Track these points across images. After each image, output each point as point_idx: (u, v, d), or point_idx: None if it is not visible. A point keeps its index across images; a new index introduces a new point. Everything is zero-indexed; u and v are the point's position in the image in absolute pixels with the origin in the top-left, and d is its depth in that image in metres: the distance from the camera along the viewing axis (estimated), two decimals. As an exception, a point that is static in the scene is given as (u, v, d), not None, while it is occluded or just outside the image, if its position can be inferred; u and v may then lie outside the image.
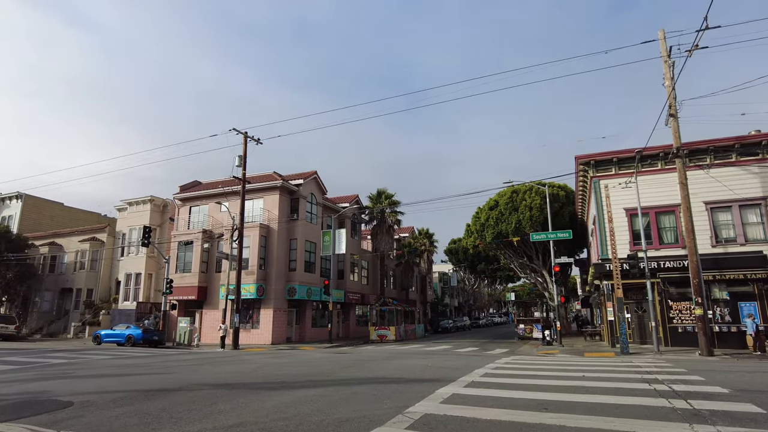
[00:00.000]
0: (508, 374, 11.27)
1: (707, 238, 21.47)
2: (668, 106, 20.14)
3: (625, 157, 23.85)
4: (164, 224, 39.23)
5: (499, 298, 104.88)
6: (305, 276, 32.89)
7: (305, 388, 9.10)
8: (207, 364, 14.78)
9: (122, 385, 9.75)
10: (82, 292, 41.09)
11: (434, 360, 15.96)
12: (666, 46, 20.59)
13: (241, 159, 28.25)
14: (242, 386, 9.53)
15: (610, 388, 8.85)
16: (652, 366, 13.32)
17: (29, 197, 48.88)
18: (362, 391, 8.64)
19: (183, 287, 32.25)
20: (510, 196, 35.35)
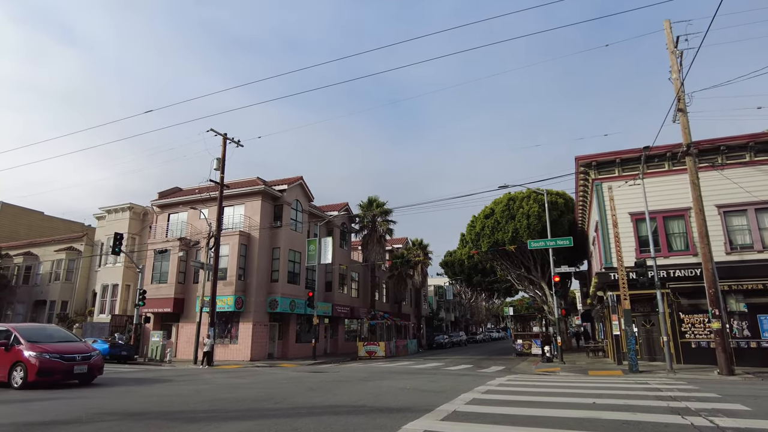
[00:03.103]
0: (500, 401, 9.31)
1: (721, 245, 19.60)
2: (676, 100, 18.46)
3: (629, 158, 22.08)
4: (144, 232, 37.27)
5: (497, 312, 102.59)
6: (288, 287, 30.84)
7: (239, 420, 7.15)
8: (152, 384, 12.78)
9: (13, 415, 7.79)
10: (56, 304, 38.95)
11: (418, 381, 13.95)
12: (672, 37, 18.99)
13: (219, 162, 26.44)
14: (160, 416, 7.57)
15: (632, 423, 6.90)
16: (674, 388, 11.35)
17: (6, 205, 47.09)
18: (304, 427, 6.68)
19: (158, 299, 30.23)
20: (506, 204, 33.59)
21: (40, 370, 11.44)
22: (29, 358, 11.56)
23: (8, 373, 11.79)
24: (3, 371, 11.85)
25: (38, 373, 11.39)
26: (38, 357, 11.58)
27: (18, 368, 11.65)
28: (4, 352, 11.97)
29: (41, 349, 11.82)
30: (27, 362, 11.50)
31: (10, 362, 11.80)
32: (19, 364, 11.65)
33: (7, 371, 11.78)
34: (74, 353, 12.25)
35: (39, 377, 11.40)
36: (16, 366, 11.69)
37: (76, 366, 12.07)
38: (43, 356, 11.64)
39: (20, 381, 11.50)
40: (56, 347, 12.19)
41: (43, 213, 51.00)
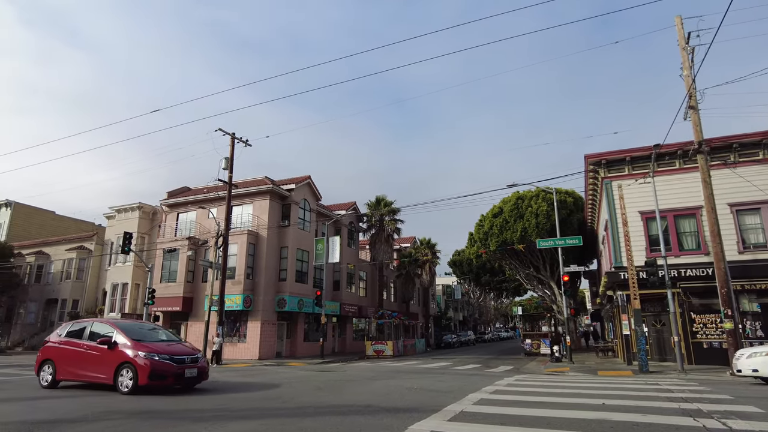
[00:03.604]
0: (508, 401, 9.22)
1: (733, 244, 19.32)
2: (688, 97, 18.22)
3: (639, 156, 21.85)
4: (153, 232, 37.51)
5: (506, 312, 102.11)
6: (296, 286, 30.90)
7: (245, 420, 7.15)
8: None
9: (20, 413, 7.85)
10: (67, 302, 39.34)
11: (425, 381, 13.89)
12: (684, 33, 18.75)
13: (228, 161, 26.52)
14: (166, 416, 7.58)
15: (642, 425, 6.80)
16: (685, 389, 11.19)
17: (19, 205, 47.55)
18: (310, 427, 6.66)
19: (167, 298, 30.40)
20: (515, 203, 33.36)
21: (153, 372, 10.09)
22: (138, 359, 10.21)
23: (114, 375, 10.40)
24: (107, 372, 10.54)
25: (150, 376, 10.04)
26: (148, 358, 10.21)
27: (125, 370, 10.28)
28: (106, 351, 10.63)
29: (150, 348, 10.47)
30: (136, 363, 10.15)
31: (114, 363, 10.45)
32: (127, 365, 10.28)
33: (112, 373, 10.43)
34: (183, 355, 10.92)
35: (151, 381, 10.06)
36: (123, 368, 10.32)
37: (187, 369, 10.70)
38: (153, 357, 10.27)
39: (129, 385, 10.13)
40: (164, 347, 10.85)
41: (55, 213, 51.48)
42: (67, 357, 11.21)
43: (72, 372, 11.13)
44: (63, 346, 11.49)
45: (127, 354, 10.38)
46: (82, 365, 10.95)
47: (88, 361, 10.86)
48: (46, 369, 11.61)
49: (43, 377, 11.59)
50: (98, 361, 10.70)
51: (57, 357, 11.42)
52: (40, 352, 12.01)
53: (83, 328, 11.60)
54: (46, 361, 11.69)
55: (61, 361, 11.27)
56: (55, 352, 11.60)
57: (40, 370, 11.81)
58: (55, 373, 11.30)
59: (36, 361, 11.97)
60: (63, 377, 11.31)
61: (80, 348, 11.10)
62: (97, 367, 10.69)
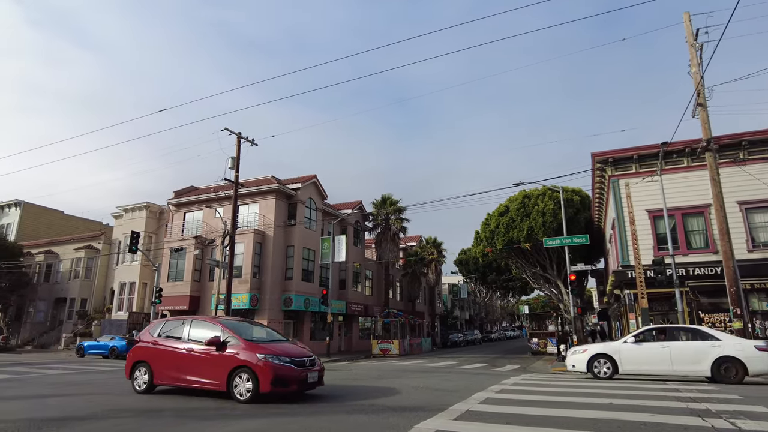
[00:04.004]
0: (514, 400, 9.19)
1: (742, 242, 19.16)
2: (696, 94, 18.05)
3: (646, 154, 21.71)
4: (160, 231, 37.74)
5: (512, 311, 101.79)
6: (303, 285, 30.98)
7: (251, 418, 7.18)
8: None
9: (30, 411, 7.92)
10: (76, 301, 39.71)
11: (431, 379, 13.88)
12: (692, 30, 18.56)
13: (234, 160, 26.60)
14: (173, 414, 7.64)
15: (650, 424, 6.75)
16: (693, 389, 11.10)
17: (28, 205, 48.02)
18: (315, 426, 6.68)
19: (174, 296, 30.59)
20: (521, 201, 33.22)
21: (276, 378, 8.70)
22: (257, 362, 8.80)
23: (227, 380, 9.01)
24: (217, 377, 9.15)
25: (273, 383, 8.66)
26: (268, 361, 8.82)
27: (241, 375, 8.89)
28: (215, 353, 9.28)
29: (268, 350, 9.14)
30: (255, 368, 8.76)
31: (226, 367, 9.07)
32: (242, 370, 8.91)
33: (225, 378, 9.03)
34: (302, 356, 9.57)
35: (274, 388, 8.69)
36: (238, 372, 8.95)
37: (309, 373, 9.35)
38: (273, 360, 8.88)
39: (248, 392, 8.75)
40: (282, 348, 9.52)
41: (63, 212, 51.94)
42: (165, 359, 9.97)
43: (172, 376, 9.84)
44: (159, 347, 10.18)
45: (240, 356, 9.02)
46: (184, 369, 9.62)
47: (192, 364, 9.54)
48: (141, 372, 10.32)
49: (137, 381, 10.33)
50: (205, 364, 9.36)
51: (152, 359, 10.17)
52: (132, 353, 10.75)
53: (180, 326, 10.31)
54: (139, 363, 10.41)
55: (158, 363, 10.05)
56: (149, 353, 10.31)
57: (132, 372, 10.49)
58: (152, 377, 10.06)
59: (127, 363, 10.72)
60: (161, 381, 10.05)
61: (181, 349, 9.79)
62: (205, 372, 9.35)
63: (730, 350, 13.10)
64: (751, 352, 12.96)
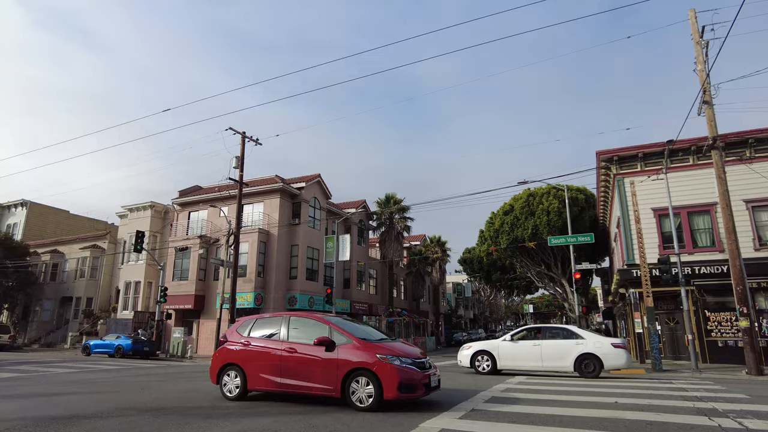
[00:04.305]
0: (519, 399, 9.17)
1: (749, 241, 19.05)
2: (702, 92, 17.96)
3: (651, 152, 21.62)
4: (165, 230, 37.88)
5: (517, 310, 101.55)
6: (307, 284, 31.04)
7: (256, 417, 7.19)
8: (172, 380, 12.97)
9: (37, 409, 7.96)
10: (81, 300, 39.88)
11: (436, 378, 13.86)
12: (697, 27, 18.46)
13: (239, 160, 26.68)
14: (178, 412, 7.66)
15: (656, 424, 6.73)
16: (700, 388, 11.05)
17: (34, 205, 48.23)
18: (321, 424, 6.69)
19: (179, 296, 30.71)
20: (526, 200, 33.21)
21: (402, 382, 7.56)
22: (379, 364, 7.65)
23: (341, 385, 7.88)
24: (329, 382, 7.99)
25: (400, 388, 7.52)
26: (390, 363, 7.68)
27: (359, 379, 7.76)
28: (324, 354, 8.15)
29: (388, 350, 7.97)
30: (377, 371, 7.60)
31: (341, 369, 7.92)
32: (361, 373, 7.76)
33: (339, 382, 7.89)
34: (422, 357, 8.34)
35: (401, 393, 7.54)
36: (355, 376, 7.81)
37: (432, 376, 8.19)
38: (395, 361, 7.72)
39: (369, 398, 7.63)
40: (401, 349, 8.30)
41: (69, 212, 52.13)
42: (262, 361, 8.75)
43: (270, 380, 8.60)
44: (254, 348, 8.95)
45: (357, 358, 7.88)
46: (287, 372, 8.44)
47: (296, 367, 8.38)
48: (231, 376, 9.04)
49: (228, 387, 9.04)
50: (313, 367, 8.21)
51: (246, 361, 8.93)
52: (219, 355, 9.41)
53: (278, 324, 9.14)
54: (229, 366, 9.12)
55: (253, 366, 8.81)
56: (241, 355, 9.03)
57: (221, 377, 9.19)
58: (246, 382, 8.83)
59: (213, 366, 9.40)
60: (257, 386, 8.80)
61: (281, 350, 8.62)
62: (313, 375, 8.18)
63: (591, 348, 14.23)
64: (608, 349, 14.10)
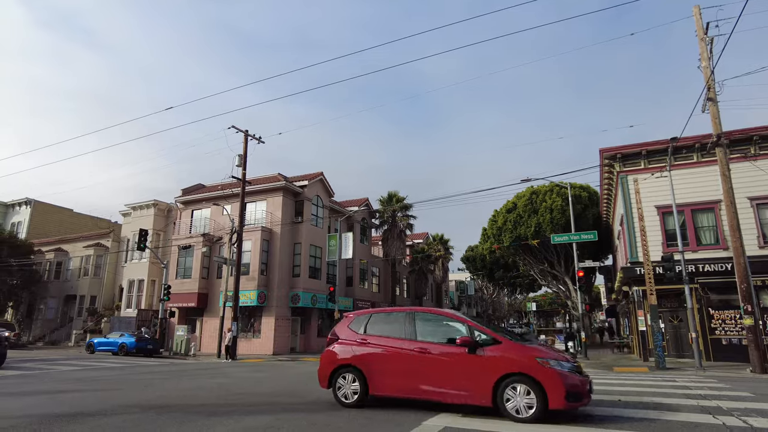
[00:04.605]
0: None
1: (753, 239, 18.96)
2: (706, 89, 17.85)
3: (655, 149, 21.52)
4: (168, 228, 37.97)
5: (520, 308, 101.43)
6: (310, 282, 31.07)
7: (259, 415, 7.20)
8: (175, 378, 13.01)
9: (42, 406, 7.99)
10: (85, 298, 40.06)
11: (439, 375, 13.87)
12: (702, 23, 18.37)
13: (242, 158, 26.71)
14: (181, 410, 7.68)
15: (660, 422, 6.70)
16: (704, 386, 11.01)
17: (38, 203, 48.43)
18: (323, 422, 6.69)
19: (183, 294, 30.78)
20: (529, 198, 33.10)
21: (570, 392, 6.53)
22: (539, 369, 6.63)
23: (492, 392, 6.82)
24: (476, 388, 6.91)
25: (568, 397, 6.50)
26: (552, 367, 6.66)
27: (516, 386, 6.69)
28: (466, 356, 7.06)
29: (545, 352, 6.97)
30: (538, 376, 6.59)
31: (491, 374, 6.86)
32: (517, 378, 6.72)
33: (490, 389, 6.82)
34: (571, 361, 7.14)
35: (569, 403, 6.53)
36: (510, 382, 6.75)
37: (590, 382, 7.16)
38: (557, 366, 6.71)
39: (529, 408, 6.57)
40: (554, 352, 7.27)
41: (72, 210, 52.35)
42: (386, 363, 7.68)
43: (398, 385, 7.53)
44: (373, 347, 7.88)
45: (508, 361, 6.84)
46: (419, 376, 7.36)
47: (431, 370, 7.29)
48: (348, 380, 7.93)
49: (343, 391, 7.93)
50: (454, 370, 7.13)
51: (365, 362, 7.85)
52: (330, 355, 8.30)
53: (402, 320, 7.98)
54: (344, 368, 8.03)
55: (375, 368, 7.74)
56: (360, 355, 7.95)
57: (333, 380, 8.10)
58: (366, 386, 7.73)
59: (322, 368, 8.30)
60: (381, 392, 7.68)
61: (409, 350, 7.54)
62: (453, 380, 7.09)
63: None
64: None
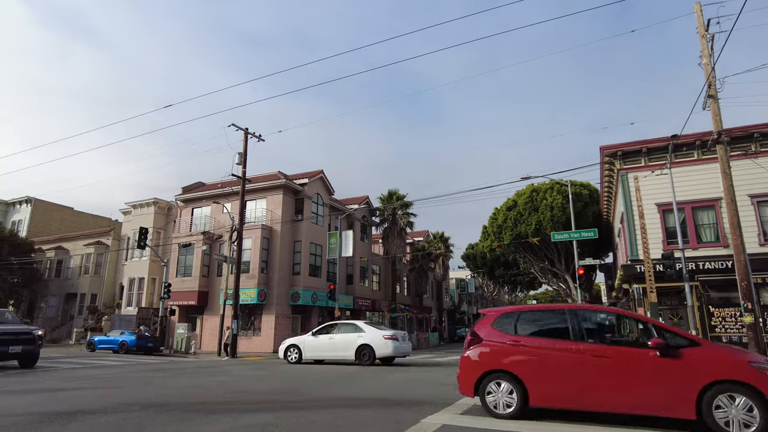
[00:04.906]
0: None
1: (754, 236, 18.92)
2: (707, 86, 17.79)
3: (655, 147, 21.47)
4: (168, 227, 37.98)
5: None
6: (310, 280, 31.08)
7: (257, 413, 7.20)
8: (175, 376, 13.01)
9: (42, 404, 7.99)
10: (86, 297, 40.10)
11: (438, 374, 13.89)
12: (703, 20, 18.27)
13: (242, 156, 26.68)
14: (180, 408, 7.67)
15: (656, 418, 6.69)
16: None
17: (39, 201, 48.44)
18: (322, 420, 6.69)
19: (183, 292, 30.80)
20: (529, 196, 33.08)
21: None
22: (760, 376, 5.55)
23: (696, 402, 5.74)
24: (672, 398, 5.90)
25: None
26: None
27: (736, 397, 5.59)
28: (657, 360, 6.07)
29: (759, 358, 5.98)
30: (762, 385, 5.49)
31: (692, 382, 5.82)
32: (728, 386, 5.65)
33: (693, 401, 5.76)
34: None
35: None
36: (719, 391, 5.66)
37: None
38: None
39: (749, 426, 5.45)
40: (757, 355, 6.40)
41: (73, 209, 52.37)
42: (550, 369, 6.58)
43: (568, 395, 6.46)
44: (531, 350, 6.77)
45: (715, 367, 5.79)
46: (595, 385, 6.30)
47: (611, 377, 6.24)
48: (503, 389, 6.74)
49: (498, 400, 6.74)
50: (641, 377, 6.09)
51: (523, 368, 6.71)
52: (476, 357, 7.09)
53: (555, 318, 7.03)
54: (495, 374, 6.85)
55: (537, 375, 6.62)
56: (515, 359, 6.81)
57: (481, 386, 6.90)
58: (525, 395, 6.62)
59: (466, 372, 7.13)
60: (546, 402, 6.62)
61: (579, 354, 6.46)
62: (644, 390, 6.05)
63: (367, 339, 16.75)
64: (379, 341, 16.53)
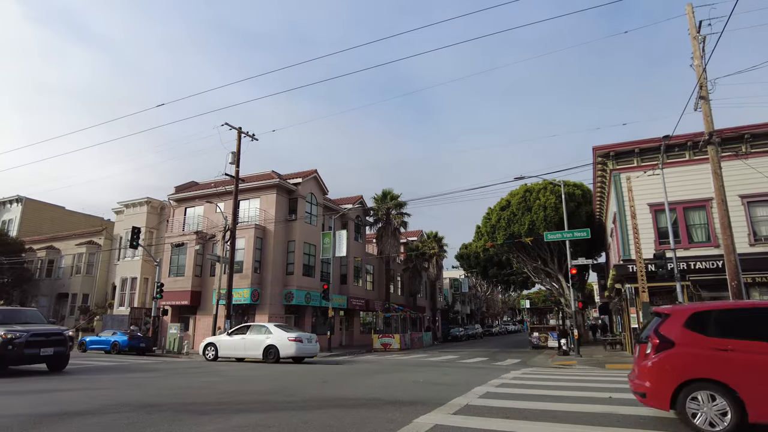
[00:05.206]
0: (514, 394, 9.19)
1: (744, 236, 19.09)
2: (698, 87, 17.93)
3: (648, 148, 21.61)
4: (161, 226, 37.74)
5: (514, 305, 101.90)
6: (303, 280, 31.01)
7: (246, 413, 7.16)
8: (167, 376, 12.94)
9: (31, 406, 7.90)
10: (78, 297, 39.77)
11: (431, 374, 13.89)
12: (695, 22, 18.42)
13: (235, 155, 26.60)
14: (172, 408, 7.62)
15: (649, 418, 6.73)
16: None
17: (30, 201, 47.95)
18: (315, 420, 6.67)
19: (176, 292, 30.64)
20: (523, 196, 33.19)
21: None
22: None
23: None
24: None
25: None
26: None
27: None
28: None
29: None
30: None
31: None
32: None
33: None
34: None
35: None
36: None
37: None
38: None
39: None
40: None
41: (65, 208, 51.91)
42: None
43: None
44: (749, 358, 5.68)
45: None
46: None
47: None
48: (716, 404, 5.75)
49: (703, 416, 5.79)
50: None
51: (740, 377, 5.64)
52: (673, 364, 6.11)
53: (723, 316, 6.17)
54: (699, 384, 5.87)
55: (758, 387, 5.52)
56: (726, 367, 5.74)
57: (681, 398, 5.96)
58: (743, 411, 5.56)
59: (658, 382, 6.19)
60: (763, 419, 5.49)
61: None
62: None
63: (274, 340, 18.04)
64: (284, 342, 17.80)
